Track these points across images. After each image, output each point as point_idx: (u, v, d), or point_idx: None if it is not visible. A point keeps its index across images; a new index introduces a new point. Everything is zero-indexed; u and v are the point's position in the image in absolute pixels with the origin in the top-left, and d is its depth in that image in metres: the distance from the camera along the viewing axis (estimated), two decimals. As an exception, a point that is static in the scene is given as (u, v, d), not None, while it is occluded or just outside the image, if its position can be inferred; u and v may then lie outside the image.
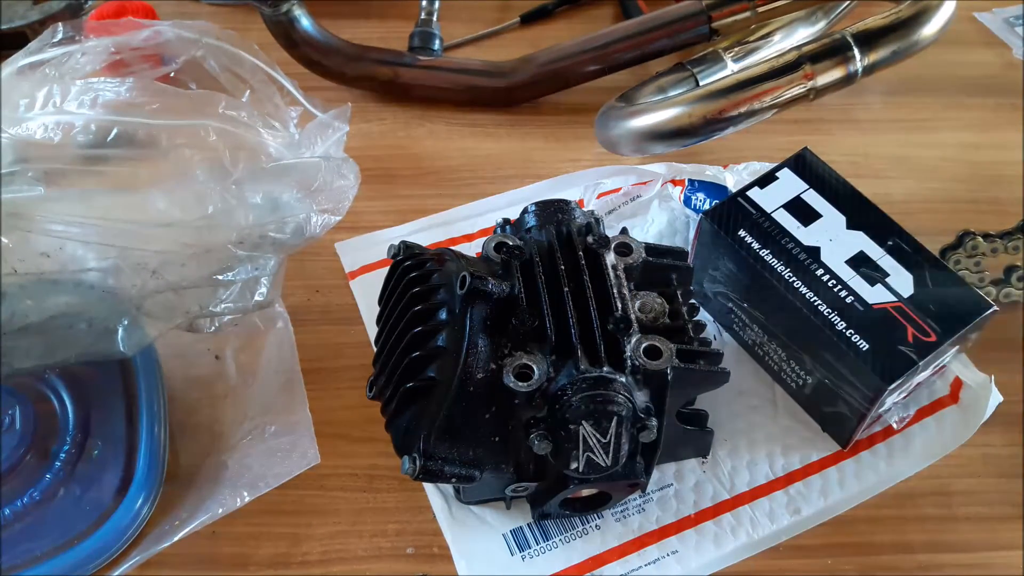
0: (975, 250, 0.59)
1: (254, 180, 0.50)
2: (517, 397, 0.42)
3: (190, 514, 0.48)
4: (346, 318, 0.59)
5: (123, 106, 0.52)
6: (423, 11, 0.77)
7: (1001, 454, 0.54)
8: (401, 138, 0.71)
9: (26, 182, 0.47)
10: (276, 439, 0.51)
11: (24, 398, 0.51)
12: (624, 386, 0.42)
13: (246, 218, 0.49)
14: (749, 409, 0.55)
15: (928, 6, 0.70)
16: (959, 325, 0.50)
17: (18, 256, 0.45)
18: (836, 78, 0.69)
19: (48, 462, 0.49)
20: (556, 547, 0.49)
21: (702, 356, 0.46)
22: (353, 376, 0.55)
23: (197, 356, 0.55)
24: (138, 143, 0.52)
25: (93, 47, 0.54)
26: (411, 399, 0.43)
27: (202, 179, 0.51)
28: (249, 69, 0.56)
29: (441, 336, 0.43)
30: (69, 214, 0.45)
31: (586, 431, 0.42)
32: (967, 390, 0.55)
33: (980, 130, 0.73)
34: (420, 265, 0.46)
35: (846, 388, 0.50)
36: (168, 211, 0.47)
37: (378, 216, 0.65)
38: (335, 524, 0.50)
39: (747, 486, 0.52)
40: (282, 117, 0.56)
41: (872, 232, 0.53)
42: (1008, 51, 0.80)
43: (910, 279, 0.51)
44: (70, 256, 0.46)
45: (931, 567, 0.49)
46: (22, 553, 0.46)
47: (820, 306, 0.50)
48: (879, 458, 0.53)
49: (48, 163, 0.49)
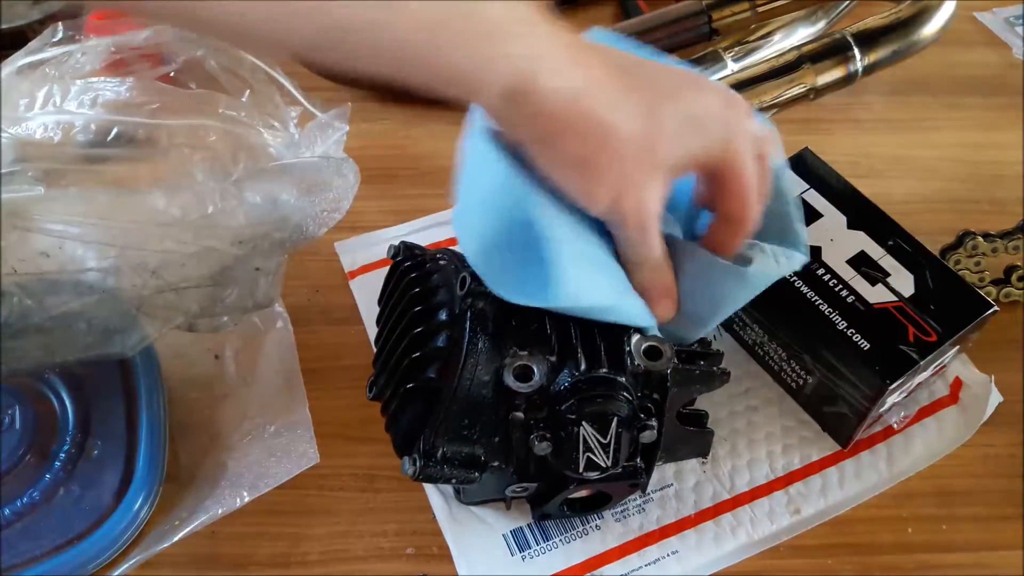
0: (975, 250, 0.59)
1: (254, 180, 0.50)
2: (517, 398, 0.42)
3: (190, 514, 0.48)
4: (346, 318, 0.59)
5: (123, 106, 0.52)
6: (423, 11, 0.76)
7: (1001, 454, 0.54)
8: (401, 138, 0.71)
9: (26, 182, 0.47)
10: (276, 439, 0.51)
11: (24, 398, 0.51)
12: (624, 387, 0.42)
13: (246, 218, 0.49)
14: (749, 409, 0.55)
15: (928, 6, 0.70)
16: (960, 325, 0.50)
17: (18, 256, 0.45)
18: (836, 78, 0.70)
19: (48, 462, 0.49)
20: (556, 547, 0.49)
21: (702, 356, 0.46)
22: (353, 376, 0.55)
23: (197, 356, 0.55)
24: (138, 143, 0.52)
25: (93, 47, 0.54)
26: (411, 400, 0.43)
27: (202, 179, 0.51)
28: (249, 69, 0.56)
29: (441, 337, 0.43)
30: (69, 214, 0.45)
31: (586, 432, 0.42)
32: (967, 390, 0.55)
33: (980, 130, 0.73)
34: (420, 266, 0.46)
35: (847, 388, 0.50)
36: (168, 211, 0.47)
37: (378, 216, 0.65)
38: (335, 524, 0.50)
39: (747, 486, 0.52)
40: (282, 117, 0.56)
41: (872, 232, 0.54)
42: (1008, 51, 0.80)
43: (910, 279, 0.51)
44: (70, 256, 0.46)
45: (931, 567, 0.49)
46: (22, 553, 0.46)
47: (821, 306, 0.51)
48: (879, 458, 0.53)
49: (48, 163, 0.49)
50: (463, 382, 0.42)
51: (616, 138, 0.37)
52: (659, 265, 0.42)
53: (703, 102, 0.40)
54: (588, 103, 0.37)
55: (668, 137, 0.39)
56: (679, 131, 0.39)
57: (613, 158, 0.38)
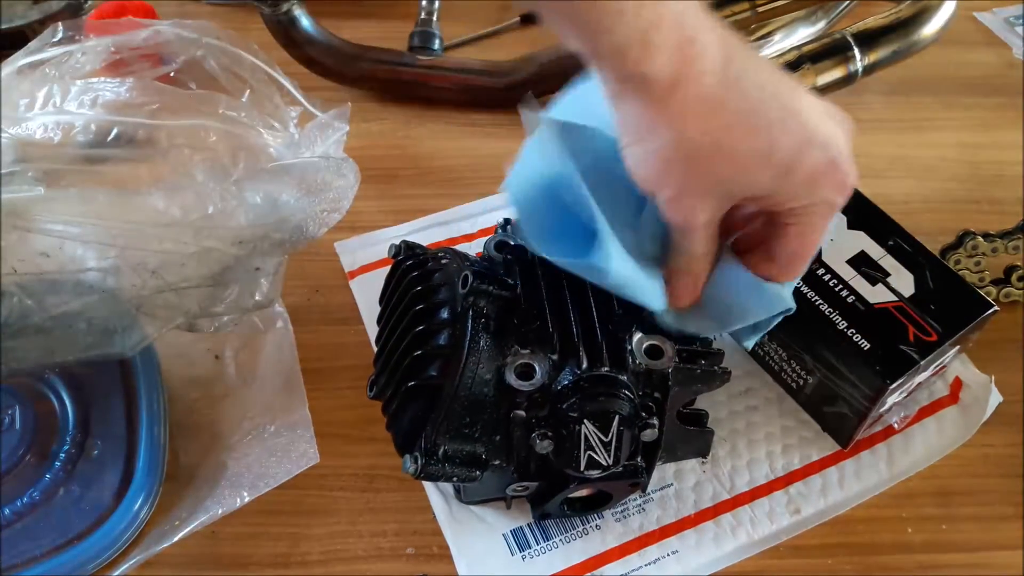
0: (975, 250, 0.59)
1: (254, 180, 0.50)
2: (519, 396, 0.42)
3: (190, 514, 0.48)
4: (346, 318, 0.59)
5: (123, 106, 0.52)
6: (423, 11, 0.77)
7: (1001, 454, 0.54)
8: (401, 138, 0.71)
9: (26, 182, 0.47)
10: (276, 439, 0.51)
11: (24, 398, 0.51)
12: (626, 385, 0.42)
13: (246, 218, 0.49)
14: (749, 409, 0.55)
15: (928, 6, 0.70)
16: (960, 325, 0.50)
17: (18, 256, 0.45)
18: (836, 78, 0.70)
19: (48, 462, 0.49)
20: (556, 547, 0.49)
21: (703, 356, 0.46)
22: (353, 376, 0.55)
23: (197, 356, 0.55)
24: (138, 143, 0.52)
25: (93, 47, 0.54)
26: (413, 398, 0.43)
27: (202, 179, 0.51)
28: (249, 69, 0.56)
29: (443, 335, 0.43)
30: (69, 214, 0.45)
31: (588, 430, 0.42)
32: (967, 390, 0.55)
33: (980, 130, 0.73)
34: (421, 265, 0.46)
35: (847, 388, 0.50)
36: (168, 211, 0.47)
37: (378, 216, 0.65)
38: (335, 524, 0.50)
39: (747, 486, 0.52)
40: (282, 117, 0.56)
41: (873, 232, 0.54)
42: (1008, 51, 0.80)
43: (911, 279, 0.51)
44: (69, 256, 0.46)
45: (931, 567, 0.49)
46: (22, 553, 0.46)
47: (821, 305, 0.51)
48: (879, 458, 0.53)
49: (48, 163, 0.49)
50: (465, 380, 0.42)
51: (718, 154, 0.37)
52: (697, 257, 0.42)
53: (810, 158, 0.38)
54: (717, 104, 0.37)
55: (754, 171, 0.38)
56: (770, 171, 0.38)
57: (692, 164, 0.38)
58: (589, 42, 0.36)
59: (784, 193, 0.39)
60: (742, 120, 0.37)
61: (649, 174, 0.39)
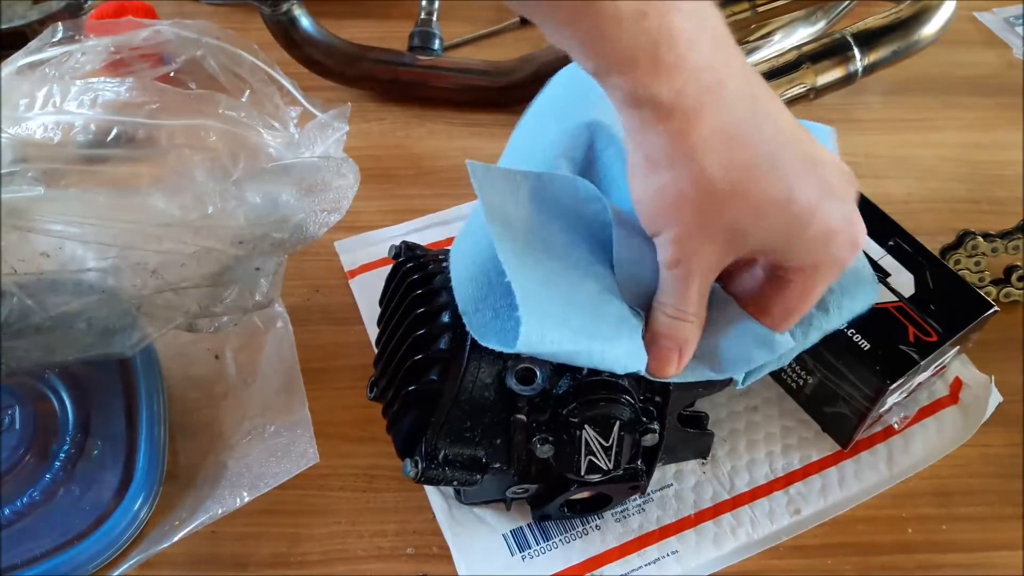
0: (975, 250, 0.59)
1: (254, 180, 0.50)
2: (520, 400, 0.42)
3: (190, 514, 0.48)
4: (346, 318, 0.59)
5: (123, 106, 0.52)
6: (423, 11, 0.77)
7: (1001, 454, 0.54)
8: (401, 138, 0.71)
9: (26, 182, 0.47)
10: (276, 439, 0.51)
11: (24, 398, 0.51)
12: (626, 389, 0.42)
13: (246, 218, 0.49)
14: (749, 409, 0.55)
15: (928, 6, 0.70)
16: (960, 325, 0.50)
17: (18, 256, 0.45)
18: (836, 78, 0.70)
19: (48, 462, 0.49)
20: (556, 547, 0.49)
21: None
22: (353, 376, 0.55)
23: (197, 356, 0.55)
24: (138, 143, 0.52)
25: (93, 47, 0.54)
26: (413, 403, 0.43)
27: (202, 179, 0.51)
28: (249, 69, 0.56)
29: (444, 339, 0.43)
30: (69, 214, 0.45)
31: (588, 435, 0.42)
32: (967, 390, 0.55)
33: (980, 130, 0.73)
34: (422, 267, 0.46)
35: (847, 388, 0.50)
36: (168, 211, 0.47)
37: (378, 216, 0.65)
38: (335, 524, 0.50)
39: (747, 486, 0.52)
40: (282, 117, 0.56)
41: (872, 232, 0.53)
42: (1008, 51, 0.80)
43: (911, 279, 0.51)
44: (70, 256, 0.46)
45: (931, 567, 0.49)
46: (22, 553, 0.46)
47: (820, 306, 0.50)
48: (879, 458, 0.53)
49: (48, 163, 0.49)
50: (465, 384, 0.41)
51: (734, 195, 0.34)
52: (685, 315, 0.39)
53: (820, 218, 0.36)
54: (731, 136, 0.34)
55: (769, 218, 0.35)
56: (784, 220, 0.36)
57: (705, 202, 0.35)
58: (588, 49, 0.33)
59: (794, 248, 0.37)
60: (762, 162, 0.35)
61: (658, 208, 0.37)
